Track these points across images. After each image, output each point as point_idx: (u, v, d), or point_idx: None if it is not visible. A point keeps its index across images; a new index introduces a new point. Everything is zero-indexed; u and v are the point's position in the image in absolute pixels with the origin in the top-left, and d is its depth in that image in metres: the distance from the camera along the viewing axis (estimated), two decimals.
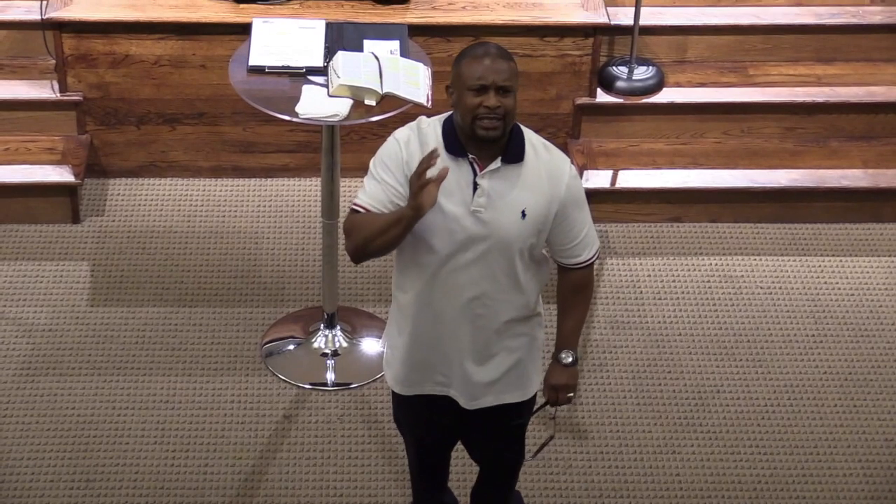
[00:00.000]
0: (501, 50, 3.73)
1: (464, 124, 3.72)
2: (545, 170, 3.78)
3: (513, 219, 3.77)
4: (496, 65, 3.68)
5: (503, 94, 3.67)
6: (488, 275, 3.83)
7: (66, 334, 5.32)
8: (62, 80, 5.76)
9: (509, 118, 3.70)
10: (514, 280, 3.87)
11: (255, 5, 5.69)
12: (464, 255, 3.80)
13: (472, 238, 3.78)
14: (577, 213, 3.83)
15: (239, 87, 4.82)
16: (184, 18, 5.66)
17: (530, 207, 3.77)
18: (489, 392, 4.03)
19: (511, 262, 3.83)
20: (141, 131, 5.88)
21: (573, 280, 3.92)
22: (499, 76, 3.67)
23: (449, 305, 3.88)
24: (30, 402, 5.06)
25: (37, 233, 5.71)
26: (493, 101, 3.66)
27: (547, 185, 3.78)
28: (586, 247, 3.89)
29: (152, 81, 5.77)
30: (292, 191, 5.96)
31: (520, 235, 3.79)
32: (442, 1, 5.79)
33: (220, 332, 5.34)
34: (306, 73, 4.83)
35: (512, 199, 3.76)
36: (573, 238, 3.86)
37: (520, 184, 3.77)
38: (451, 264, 3.82)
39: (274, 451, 4.92)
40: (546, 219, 3.81)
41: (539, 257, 3.91)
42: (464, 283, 3.84)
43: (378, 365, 5.18)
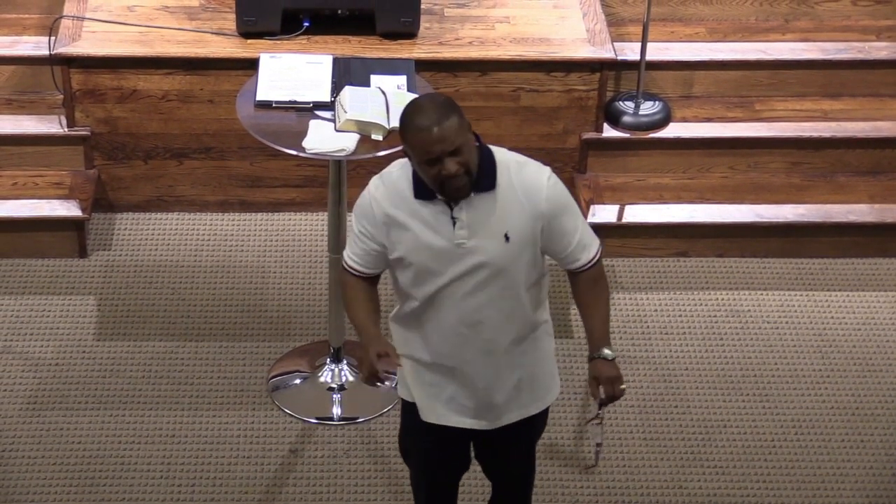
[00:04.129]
0: (440, 108, 3.69)
1: (432, 187, 3.74)
2: (521, 189, 3.78)
3: (497, 244, 3.78)
4: (441, 133, 3.65)
5: (457, 154, 3.67)
6: (489, 301, 3.85)
7: (72, 368, 5.32)
8: (70, 114, 5.77)
9: (471, 167, 3.71)
10: (517, 300, 3.88)
11: (262, 40, 5.70)
12: (462, 287, 3.83)
13: (466, 270, 3.80)
14: (564, 221, 3.82)
15: (246, 122, 4.82)
16: (191, 54, 5.68)
17: (513, 229, 3.78)
18: (509, 410, 4.05)
19: (511, 284, 3.84)
20: (148, 166, 5.89)
21: (582, 282, 3.91)
22: (446, 144, 3.65)
23: (457, 337, 3.90)
24: (36, 436, 5.06)
25: (44, 267, 5.71)
26: (452, 168, 3.67)
27: (526, 204, 3.78)
28: (583, 249, 3.87)
29: (160, 116, 5.78)
30: (299, 225, 5.97)
31: (509, 258, 3.80)
32: (449, 36, 5.81)
33: (226, 367, 5.33)
34: (313, 108, 4.84)
35: (492, 225, 3.78)
36: (567, 245, 3.85)
37: (498, 208, 3.77)
38: (456, 294, 3.84)
39: (280, 486, 4.91)
40: (533, 236, 3.81)
41: (539, 271, 3.91)
42: (467, 311, 3.86)
43: (385, 399, 5.18)
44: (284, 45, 5.68)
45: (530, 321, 3.96)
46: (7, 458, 4.96)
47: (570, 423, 5.15)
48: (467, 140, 3.70)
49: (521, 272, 3.85)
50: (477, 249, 3.79)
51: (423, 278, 3.86)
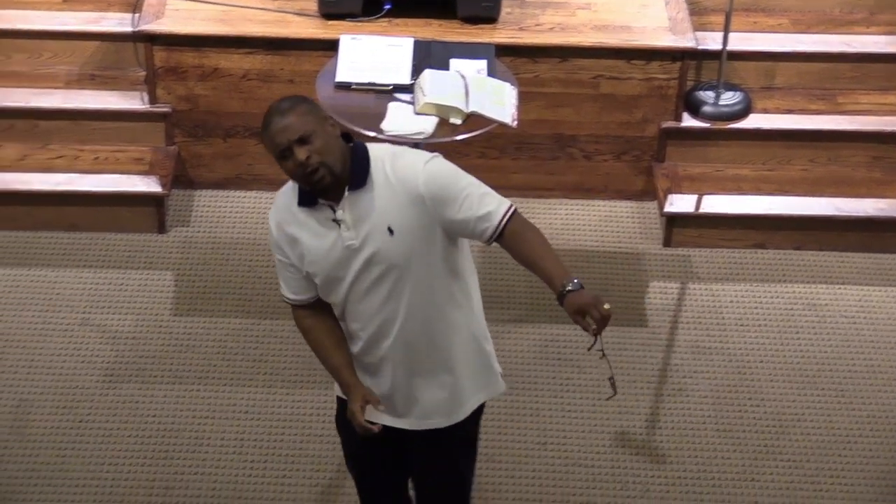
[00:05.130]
0: (286, 102, 3.68)
1: (298, 183, 3.72)
2: (396, 179, 3.71)
3: (382, 238, 3.72)
4: (284, 123, 3.64)
5: (307, 142, 3.63)
6: (391, 297, 3.78)
7: (149, 343, 5.37)
8: (152, 91, 5.82)
9: (330, 156, 3.65)
10: (427, 296, 3.80)
11: (343, 22, 5.72)
12: (363, 283, 3.77)
13: (360, 269, 3.75)
14: (450, 201, 3.70)
15: (326, 103, 4.85)
16: (273, 34, 5.72)
17: (395, 222, 3.71)
18: (433, 413, 3.96)
19: (413, 278, 3.77)
20: (228, 144, 5.94)
21: (506, 243, 3.75)
22: (289, 133, 3.63)
23: (371, 335, 3.85)
24: (112, 408, 5.12)
25: (123, 242, 5.77)
26: (301, 156, 3.63)
27: (404, 195, 3.70)
28: (485, 219, 3.71)
29: (240, 95, 5.82)
30: None
31: (399, 252, 3.73)
32: (530, 22, 5.80)
33: (300, 345, 5.35)
34: (393, 91, 4.86)
35: (374, 221, 3.72)
36: (465, 222, 3.73)
37: (377, 203, 3.71)
38: (354, 296, 3.80)
39: None
40: (422, 225, 3.72)
41: (452, 263, 3.83)
42: (371, 309, 3.80)
43: None
44: (365, 26, 5.69)
45: (451, 321, 3.87)
46: (84, 429, 5.02)
47: (643, 411, 5.13)
48: (321, 131, 3.64)
49: (422, 265, 3.76)
50: (364, 247, 3.73)
51: (330, 286, 3.82)
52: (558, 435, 5.05)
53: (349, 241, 3.72)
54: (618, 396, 5.17)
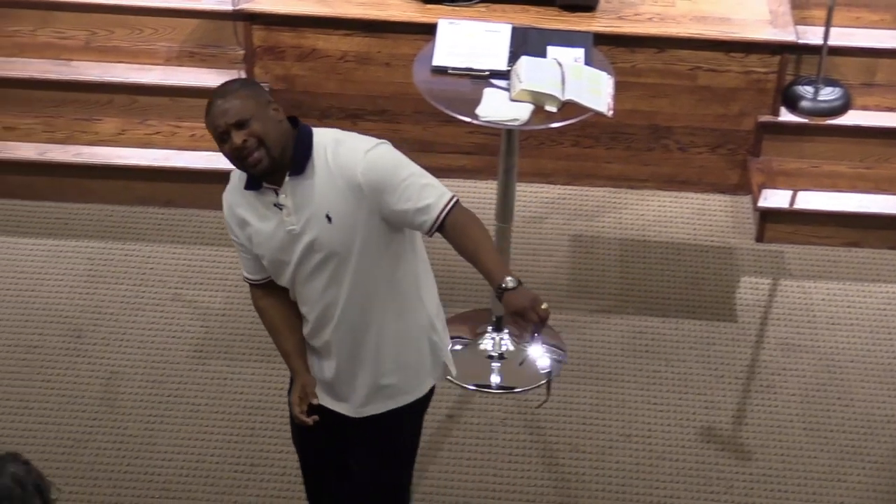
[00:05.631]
0: (229, 86, 3.71)
1: (237, 167, 3.72)
2: (336, 167, 3.69)
3: (321, 226, 3.72)
4: (223, 106, 3.65)
5: (244, 126, 3.63)
6: (331, 283, 3.79)
7: (238, 320, 5.41)
8: (250, 70, 5.86)
9: (269, 141, 3.64)
10: (368, 285, 3.79)
11: (441, 6, 5.73)
12: (305, 268, 3.78)
13: (301, 254, 3.76)
14: (389, 191, 3.68)
15: (421, 87, 4.85)
16: (371, 16, 5.73)
17: (333, 210, 3.69)
18: (370, 401, 3.97)
19: (354, 267, 3.76)
20: (323, 125, 5.85)
21: (447, 235, 3.73)
22: (227, 117, 3.64)
23: (315, 320, 3.87)
24: (200, 383, 5.17)
25: (217, 219, 5.80)
26: (237, 141, 3.63)
27: (343, 183, 3.68)
28: (424, 212, 3.68)
29: (337, 76, 5.85)
30: (467, 192, 5.99)
31: (338, 240, 3.72)
32: (628, 11, 5.76)
33: None
34: (489, 76, 4.85)
35: (314, 208, 3.71)
36: (404, 213, 3.70)
37: (317, 190, 3.70)
38: (299, 279, 3.81)
39: (435, 450, 4.95)
40: (360, 213, 3.70)
41: (395, 249, 3.80)
42: (314, 294, 3.82)
43: (545, 372, 5.20)
44: (463, 11, 5.69)
45: (395, 309, 3.85)
46: (172, 404, 5.08)
47: (729, 407, 5.10)
48: (260, 115, 3.64)
49: (362, 253, 3.74)
50: (305, 233, 3.73)
51: (276, 268, 3.84)
52: (643, 428, 5.04)
53: (290, 227, 3.74)
54: (704, 391, 5.15)
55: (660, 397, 5.15)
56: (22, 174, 5.83)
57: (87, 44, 5.98)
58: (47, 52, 5.96)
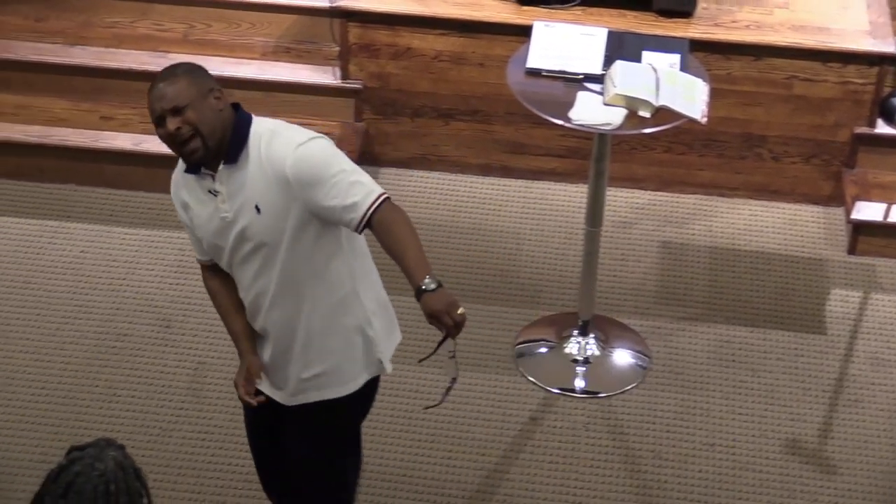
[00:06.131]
0: (171, 70, 3.74)
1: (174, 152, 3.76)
2: (267, 159, 3.71)
3: (250, 216, 3.75)
4: (161, 91, 3.68)
5: (180, 113, 3.65)
6: (261, 272, 3.83)
7: None
8: (344, 67, 5.90)
9: (204, 130, 3.67)
10: (297, 277, 3.82)
11: (537, 8, 5.73)
12: (238, 254, 3.84)
13: (234, 242, 3.82)
14: (317, 187, 3.68)
15: (515, 88, 4.86)
16: (467, 16, 5.76)
17: (262, 201, 3.73)
18: (302, 390, 4.00)
19: (283, 258, 3.79)
20: (415, 123, 5.99)
21: (375, 232, 3.73)
22: (163, 103, 3.66)
23: (249, 305, 3.93)
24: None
25: None
26: (171, 127, 3.66)
27: (272, 175, 3.71)
28: (354, 207, 3.68)
29: (430, 76, 5.87)
30: (557, 195, 5.99)
31: (267, 231, 3.75)
32: (725, 18, 5.73)
33: (474, 329, 5.39)
34: (583, 80, 4.84)
35: (245, 197, 3.75)
36: (335, 207, 3.70)
37: (248, 180, 3.74)
38: (234, 265, 3.89)
39: (517, 452, 4.95)
40: (288, 206, 3.72)
41: (327, 244, 3.81)
42: (247, 281, 3.87)
43: (629, 377, 5.18)
44: (559, 14, 5.69)
45: (327, 303, 3.88)
46: None
47: (815, 419, 5.05)
48: (198, 103, 3.66)
49: (292, 245, 3.78)
50: (237, 221, 3.79)
51: (214, 252, 3.93)
52: (727, 437, 5.00)
53: (223, 213, 3.80)
54: (790, 402, 5.11)
55: (745, 407, 5.11)
56: (117, 164, 5.90)
57: (184, 36, 6.05)
58: (146, 43, 6.04)
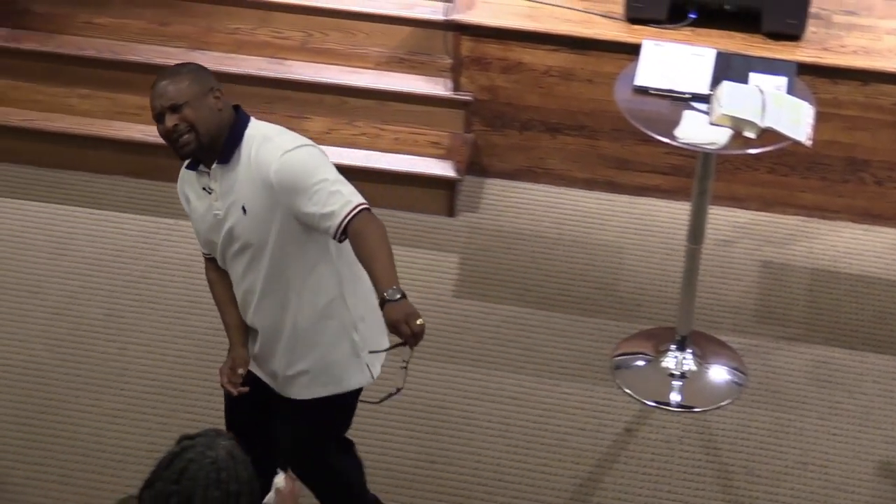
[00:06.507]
0: (174, 70, 3.90)
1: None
2: (255, 162, 3.85)
3: (238, 215, 3.91)
4: (161, 89, 3.85)
5: (178, 111, 3.82)
6: (249, 270, 3.98)
7: (427, 320, 5.34)
8: (456, 79, 6.00)
9: (200, 127, 3.84)
10: (283, 278, 3.96)
11: (647, 27, 5.80)
12: (228, 251, 4.01)
13: (224, 239, 3.97)
14: (299, 193, 3.81)
15: (622, 105, 4.93)
16: (577, 33, 5.83)
17: (248, 202, 3.88)
18: (290, 384, 4.14)
19: (269, 259, 3.94)
20: (523, 136, 6.08)
21: (350, 240, 3.84)
22: (163, 100, 3.84)
23: (240, 301, 4.08)
24: (387, 379, 5.28)
25: (414, 221, 5.97)
26: (168, 124, 3.83)
27: (258, 178, 3.84)
28: (331, 215, 3.80)
29: (540, 90, 5.96)
30: (660, 211, 6.05)
31: (253, 231, 3.91)
32: (833, 43, 5.76)
33: (573, 339, 5.48)
34: (690, 99, 4.89)
35: (234, 197, 3.90)
36: (314, 214, 3.82)
37: (238, 181, 3.89)
38: (226, 261, 4.05)
39: (611, 462, 5.02)
40: (272, 210, 3.86)
41: (313, 249, 3.94)
42: (237, 277, 4.04)
43: (725, 392, 5.24)
44: (669, 34, 5.75)
45: (313, 305, 4.01)
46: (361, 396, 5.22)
47: None
48: (197, 102, 3.83)
49: (277, 247, 3.92)
50: (226, 219, 3.94)
51: (209, 247, 4.10)
52: (820, 457, 5.04)
53: (216, 211, 3.97)
54: (885, 426, 5.12)
55: (839, 428, 5.14)
56: None
57: (302, 44, 6.17)
58: (265, 50, 6.17)
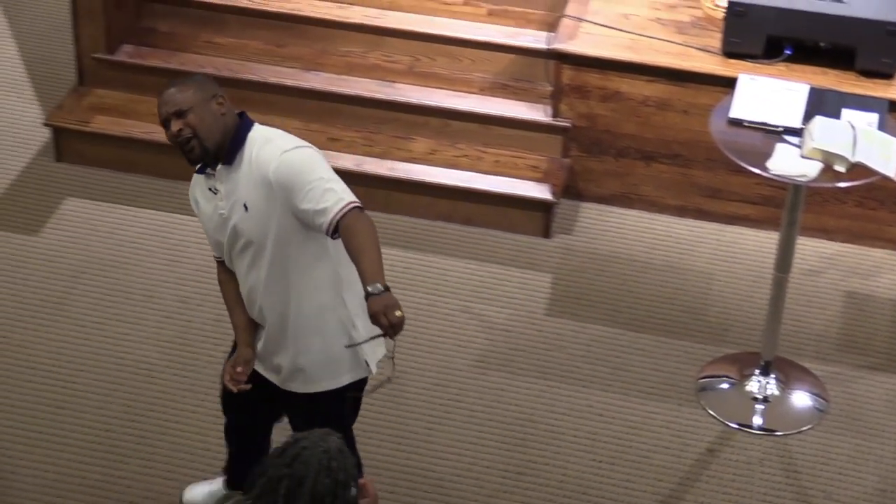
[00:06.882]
0: (182, 79, 4.16)
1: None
2: (255, 162, 4.08)
3: (240, 213, 4.12)
4: (168, 96, 4.10)
5: (183, 117, 4.04)
6: (252, 267, 4.19)
7: (520, 337, 5.68)
8: (556, 106, 6.12)
9: (203, 131, 4.07)
10: (283, 275, 4.15)
11: (743, 62, 5.89)
12: (233, 249, 4.21)
13: (229, 237, 4.18)
14: (295, 191, 4.03)
15: (717, 136, 5.03)
16: (675, 65, 5.94)
17: (250, 200, 4.09)
18: (291, 379, 4.32)
19: (270, 256, 4.14)
20: (618, 163, 6.20)
21: (341, 235, 4.02)
22: (169, 107, 4.09)
23: (245, 297, 4.29)
24: (479, 392, 5.45)
25: (510, 241, 6.10)
26: (173, 129, 4.06)
27: (259, 177, 4.06)
28: (324, 212, 4.00)
29: (636, 119, 6.07)
30: (749, 240, 6.14)
31: (254, 228, 4.12)
32: None
33: (660, 360, 5.59)
34: (782, 132, 4.98)
35: (237, 196, 4.12)
36: (308, 210, 4.03)
37: (241, 181, 4.10)
38: (232, 259, 4.25)
39: (692, 481, 5.11)
40: (271, 207, 4.07)
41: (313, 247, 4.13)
42: (242, 274, 4.24)
43: (807, 418, 5.32)
44: (764, 68, 5.84)
45: (312, 301, 4.19)
46: (452, 407, 5.36)
47: None
48: (201, 108, 4.06)
49: (278, 244, 4.12)
50: (230, 218, 4.16)
51: (216, 247, 4.32)
52: None
53: (221, 210, 4.19)
54: None
55: None
56: None
57: (410, 68, 6.34)
58: (374, 73, 6.32)
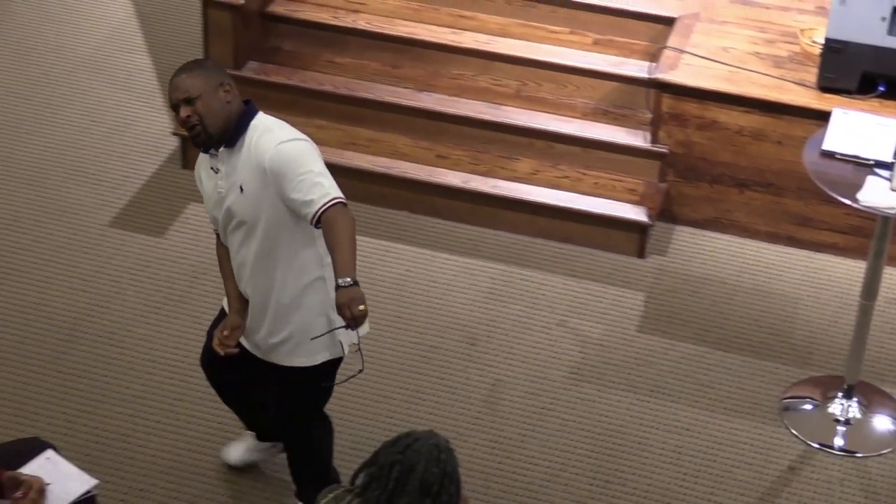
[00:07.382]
0: (191, 64, 4.35)
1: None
2: (254, 149, 4.30)
3: (236, 194, 4.34)
4: (177, 83, 4.31)
5: (191, 104, 4.24)
6: (242, 245, 4.41)
7: (613, 352, 5.83)
8: (654, 133, 6.28)
9: (209, 118, 4.28)
10: (271, 255, 4.38)
11: (837, 96, 6.02)
12: (227, 227, 4.43)
13: (224, 215, 4.41)
14: (287, 180, 4.25)
15: (809, 167, 5.16)
16: (771, 98, 6.08)
17: (245, 183, 4.31)
18: (271, 352, 4.57)
19: (260, 236, 4.37)
20: (713, 189, 6.33)
21: (323, 227, 4.24)
22: (178, 94, 4.30)
23: (235, 272, 4.54)
24: (572, 402, 5.61)
25: (606, 259, 6.26)
26: (182, 115, 4.28)
27: (255, 163, 4.28)
28: (308, 205, 4.25)
29: (732, 148, 6.21)
30: (837, 268, 6.24)
31: (247, 209, 4.34)
32: None
33: (746, 379, 5.71)
34: (873, 166, 5.09)
35: (235, 178, 4.33)
36: (296, 200, 4.27)
37: (240, 165, 4.32)
38: (226, 235, 4.51)
39: (773, 497, 5.22)
40: (264, 192, 4.30)
41: (301, 233, 4.36)
42: (233, 251, 4.54)
43: (889, 441, 5.41)
44: (857, 103, 5.96)
45: (295, 284, 4.43)
46: (544, 416, 5.52)
47: None
48: (207, 95, 4.27)
49: (268, 226, 4.34)
50: (227, 197, 4.37)
51: (214, 222, 4.54)
52: None
53: (220, 189, 4.43)
54: None
55: None
56: (446, 198, 6.35)
57: (517, 92, 6.54)
58: (483, 95, 6.51)
